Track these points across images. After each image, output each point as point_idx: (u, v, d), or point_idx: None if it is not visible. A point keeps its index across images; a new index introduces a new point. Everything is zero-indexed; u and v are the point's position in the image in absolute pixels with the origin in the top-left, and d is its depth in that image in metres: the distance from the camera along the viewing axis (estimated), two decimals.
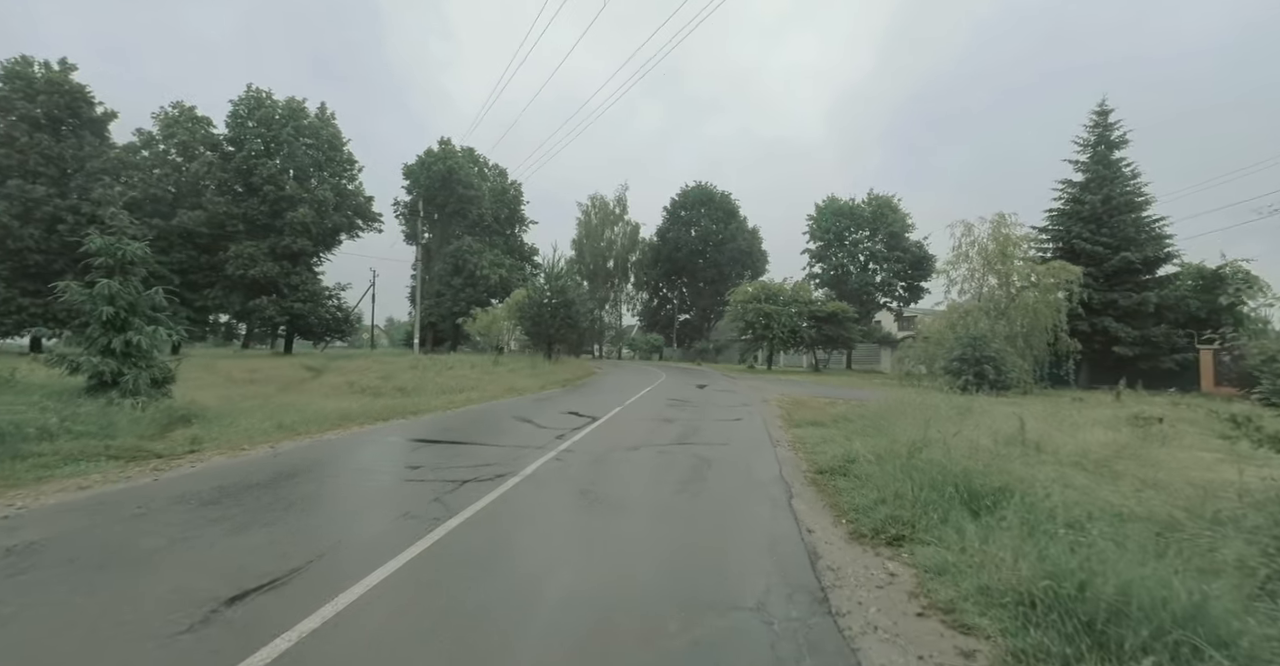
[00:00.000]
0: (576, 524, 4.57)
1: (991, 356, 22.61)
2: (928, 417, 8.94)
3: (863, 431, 9.17)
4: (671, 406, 14.04)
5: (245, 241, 35.00)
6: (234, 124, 36.68)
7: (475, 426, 9.97)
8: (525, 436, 8.88)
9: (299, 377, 21.85)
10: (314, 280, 37.98)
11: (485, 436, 8.80)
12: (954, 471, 4.94)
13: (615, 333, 70.04)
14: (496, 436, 8.83)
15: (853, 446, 7.51)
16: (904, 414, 9.66)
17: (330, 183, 39.11)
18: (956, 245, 26.75)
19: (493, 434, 9.07)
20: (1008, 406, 11.43)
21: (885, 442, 7.07)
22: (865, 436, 8.65)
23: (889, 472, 5.54)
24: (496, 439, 8.57)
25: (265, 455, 6.87)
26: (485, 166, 52.20)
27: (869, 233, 46.04)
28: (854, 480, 5.92)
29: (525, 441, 8.38)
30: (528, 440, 8.50)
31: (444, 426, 10.05)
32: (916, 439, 6.74)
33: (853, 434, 9.30)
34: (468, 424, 10.37)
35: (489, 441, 8.32)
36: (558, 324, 28.23)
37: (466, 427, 9.86)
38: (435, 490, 5.39)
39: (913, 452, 6.16)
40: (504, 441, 8.35)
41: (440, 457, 7.26)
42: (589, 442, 8.49)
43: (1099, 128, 29.09)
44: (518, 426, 10.01)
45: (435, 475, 6.03)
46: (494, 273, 44.56)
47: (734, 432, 10.04)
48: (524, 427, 9.88)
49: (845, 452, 7.18)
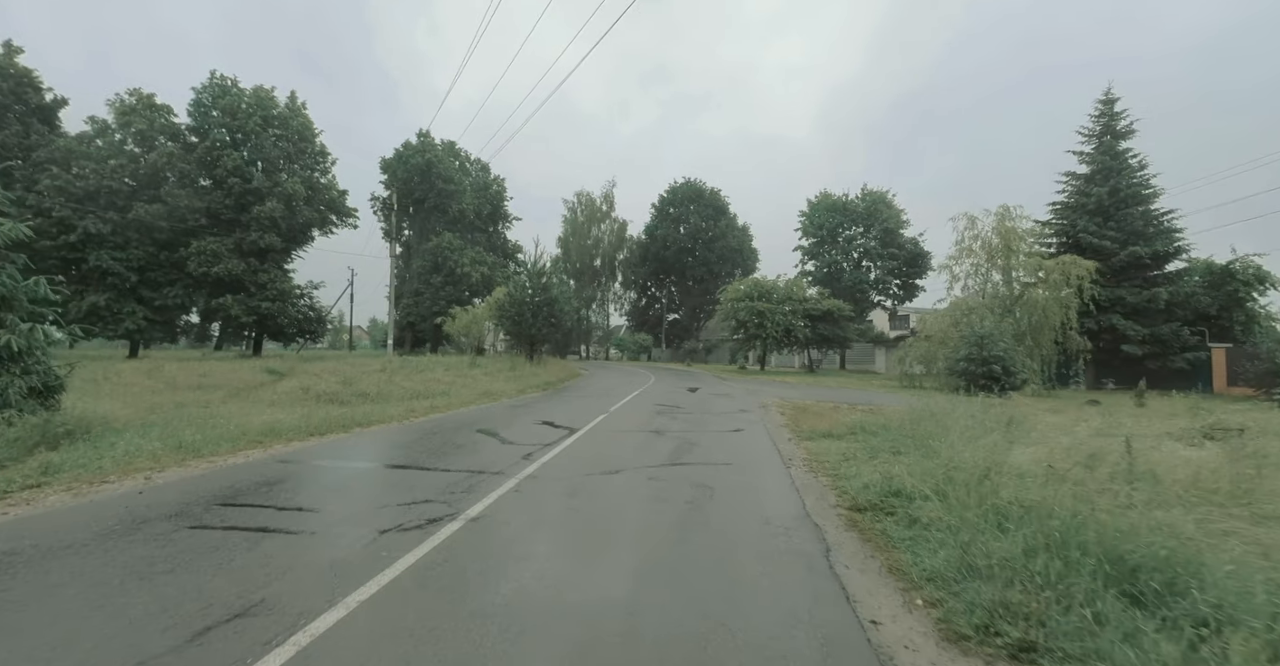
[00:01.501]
0: (516, 619, 3.02)
1: (1000, 356, 21.32)
2: (967, 428, 7.48)
3: (892, 447, 7.69)
4: (661, 414, 12.50)
5: (208, 237, 32.99)
6: (197, 113, 34.60)
7: (429, 443, 8.36)
8: (486, 456, 7.29)
9: (256, 382, 20.03)
10: (284, 278, 35.97)
11: (436, 457, 7.20)
12: (1068, 519, 3.44)
13: (603, 333, 68.43)
14: (450, 457, 7.24)
15: (890, 469, 6.01)
16: (935, 424, 8.19)
17: (301, 176, 37.12)
18: (959, 239, 25.54)
19: (447, 454, 7.47)
20: (1049, 414, 9.98)
21: (933, 466, 5.57)
22: (898, 455, 7.16)
23: (964, 518, 4.03)
24: (449, 460, 6.98)
25: (126, 492, 5.22)
26: (467, 161, 50.31)
27: (863, 229, 44.81)
28: (911, 525, 4.40)
29: (484, 464, 6.79)
30: (487, 462, 6.91)
31: (392, 443, 8.44)
32: (976, 461, 5.26)
33: (878, 449, 7.83)
34: (421, 439, 8.75)
35: (438, 464, 6.72)
36: (540, 323, 26.58)
37: (418, 445, 8.25)
38: (333, 553, 3.80)
39: (981, 482, 4.67)
40: (457, 464, 6.76)
41: (367, 492, 5.66)
42: (561, 464, 6.92)
43: (1104, 117, 27.99)
44: (480, 443, 8.41)
45: (345, 523, 4.43)
46: (475, 270, 42.75)
47: (736, 448, 8.52)
48: (487, 444, 8.29)
49: (883, 479, 5.67)
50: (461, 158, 49.73)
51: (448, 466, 6.61)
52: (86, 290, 30.68)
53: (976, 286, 25.38)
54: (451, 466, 6.61)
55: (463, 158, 49.75)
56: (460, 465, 6.68)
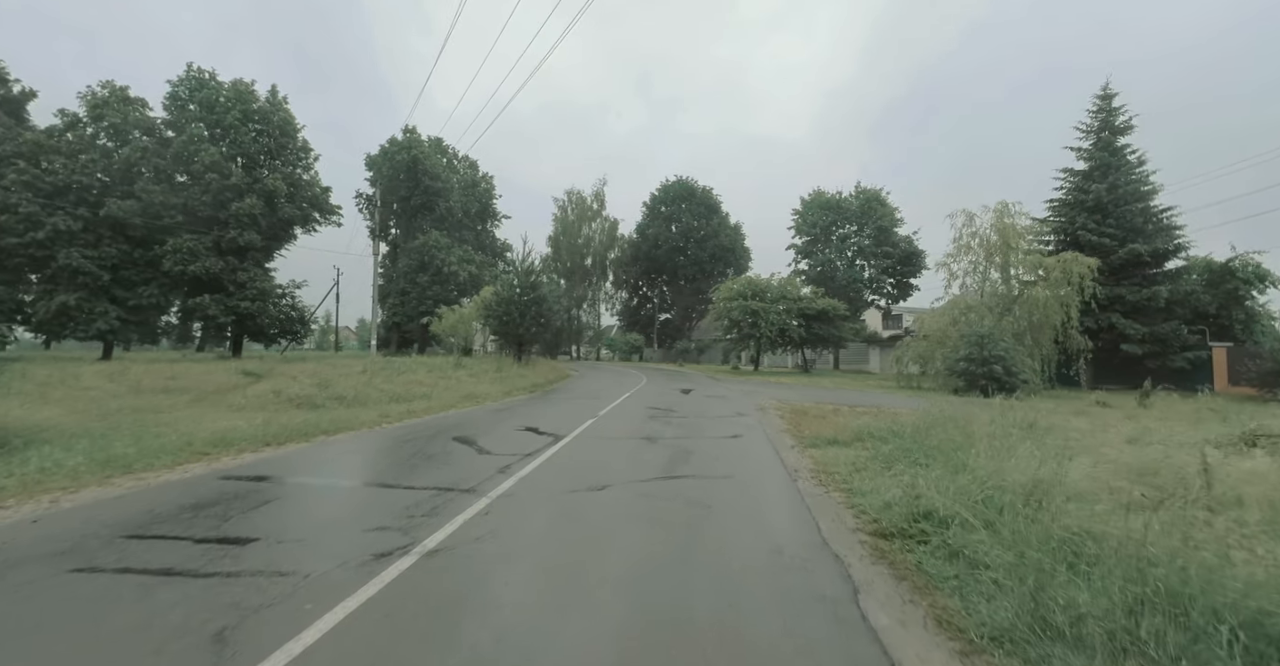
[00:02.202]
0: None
1: (1001, 355, 20.79)
2: (990, 435, 6.80)
3: (907, 456, 6.99)
4: (653, 418, 11.76)
5: (185, 234, 31.85)
6: (173, 107, 33.54)
7: (397, 454, 7.58)
8: (459, 469, 6.52)
9: (229, 385, 19.09)
10: (264, 277, 34.86)
11: (403, 471, 6.43)
12: (1171, 564, 2.73)
13: (593, 333, 67.61)
14: (419, 471, 6.47)
15: (913, 483, 5.30)
16: (953, 430, 7.50)
17: (283, 172, 36.04)
18: (957, 236, 24.97)
19: (415, 467, 6.70)
20: (1073, 418, 9.32)
21: (966, 482, 4.86)
22: (916, 466, 6.46)
23: (1024, 554, 3.32)
24: (417, 475, 6.21)
25: (17, 522, 4.40)
26: (455, 158, 49.37)
27: (856, 227, 44.29)
28: (952, 558, 3.69)
29: (455, 479, 6.01)
30: (460, 476, 6.14)
31: (356, 454, 7.65)
32: (1017, 477, 4.56)
33: (891, 459, 7.13)
34: (390, 449, 7.97)
35: (403, 480, 5.95)
36: (528, 323, 25.76)
37: (385, 456, 7.47)
38: (242, 606, 3.03)
39: (1032, 505, 3.97)
40: (425, 479, 5.99)
41: (313, 517, 4.88)
42: (541, 479, 6.16)
43: (1102, 113, 27.53)
44: (455, 453, 7.63)
45: (273, 561, 3.66)
46: (463, 269, 41.80)
47: (736, 457, 7.79)
48: (462, 455, 7.51)
49: (907, 496, 4.96)
50: (449, 154, 48.80)
51: (413, 483, 5.83)
52: (56, 289, 29.53)
53: (975, 284, 24.86)
54: (418, 483, 5.83)
55: (450, 154, 48.82)
56: (428, 481, 5.91)
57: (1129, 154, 26.98)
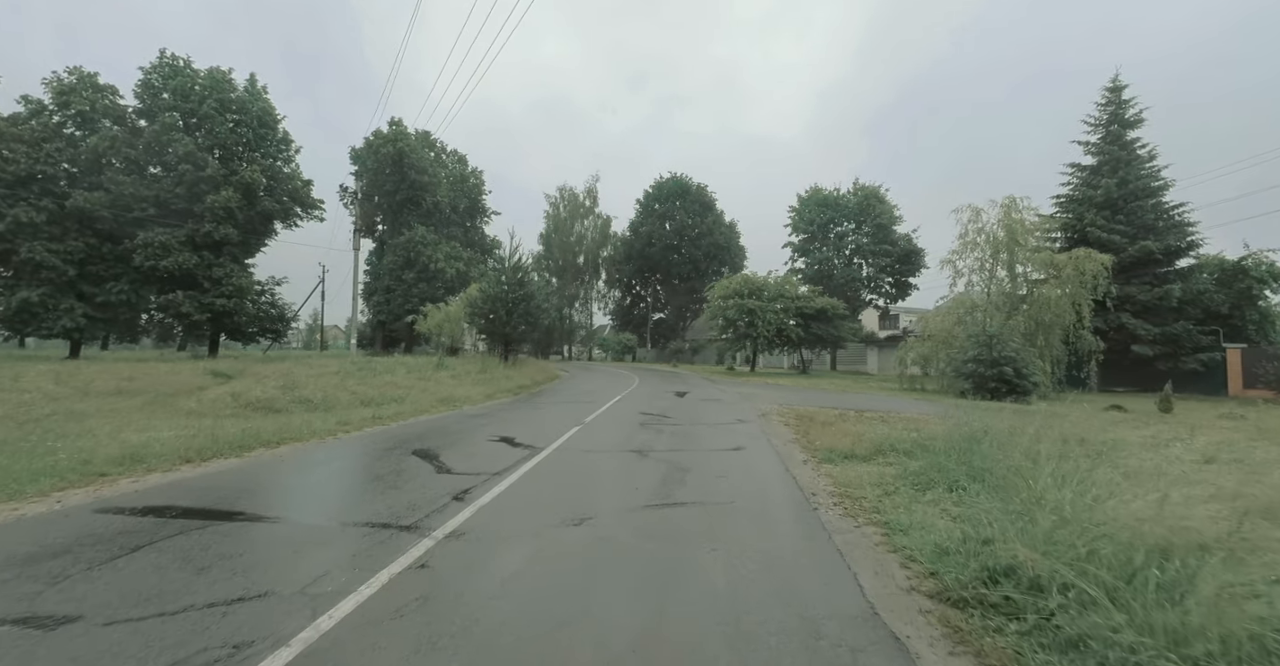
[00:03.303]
0: None
1: (1011, 356, 19.76)
2: (1037, 451, 5.71)
3: (943, 476, 5.89)
4: (645, 427, 10.61)
5: (157, 228, 30.45)
6: (145, 95, 32.06)
7: (340, 474, 6.41)
8: (406, 495, 5.35)
9: (194, 386, 17.78)
10: (241, 273, 33.45)
11: (336, 499, 5.27)
12: None
13: (586, 333, 66.42)
14: (357, 498, 5.30)
15: (971, 518, 4.19)
16: (996, 444, 6.39)
17: (262, 164, 34.63)
18: (963, 232, 23.94)
19: (355, 492, 5.53)
20: (1117, 429, 8.23)
21: (1048, 523, 3.73)
22: (955, 490, 5.36)
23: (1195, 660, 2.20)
24: (351, 505, 5.04)
25: None
26: (443, 152, 48.04)
27: (854, 225, 43.33)
28: (1074, 650, 2.57)
29: (397, 510, 4.85)
30: (404, 506, 4.97)
31: (288, 475, 6.45)
32: (1118, 515, 3.46)
33: (925, 479, 6.04)
34: (333, 468, 6.79)
35: (331, 513, 4.79)
36: (515, 321, 24.54)
37: (323, 477, 6.30)
38: None
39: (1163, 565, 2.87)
40: (360, 511, 4.82)
41: (182, 572, 3.69)
42: (505, 509, 5.00)
43: (1111, 105, 26.62)
44: (409, 472, 6.46)
45: (85, 657, 2.48)
46: (450, 266, 40.50)
47: (740, 475, 6.66)
48: (417, 474, 6.34)
49: (968, 539, 3.84)
50: (437, 149, 47.47)
51: (344, 516, 4.66)
52: (18, 284, 28.14)
53: (981, 282, 23.86)
54: (349, 516, 4.67)
55: (439, 149, 47.50)
56: (362, 513, 4.74)
57: (1139, 148, 26.09)
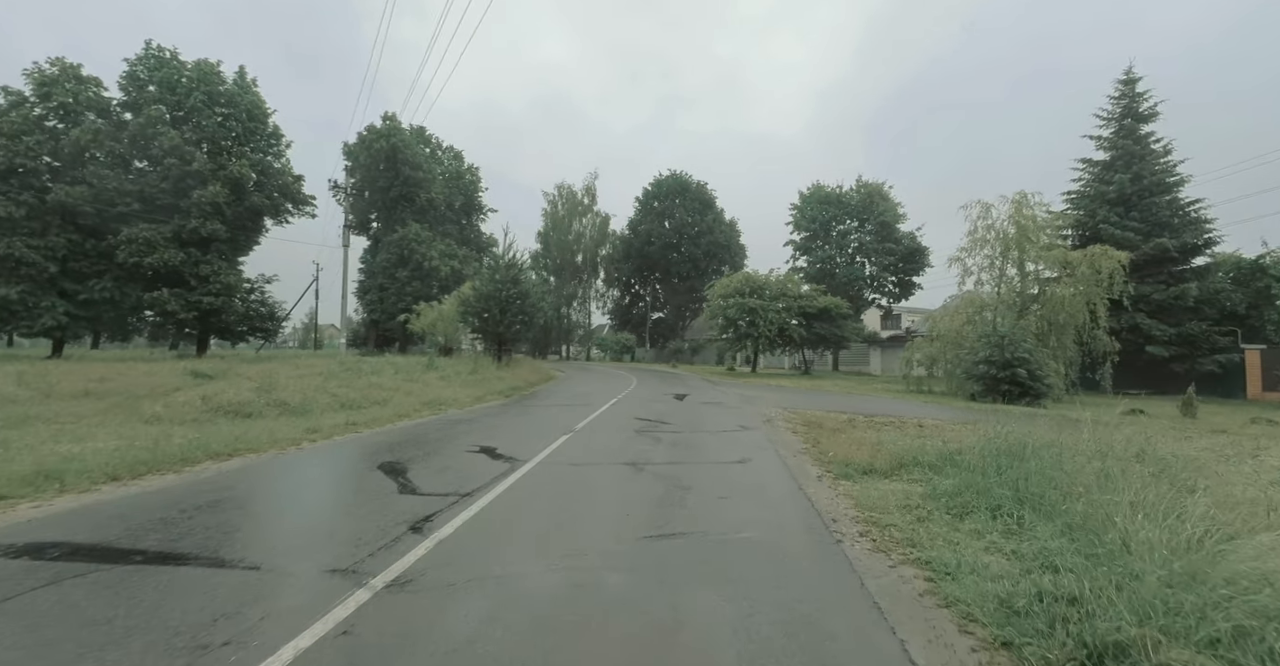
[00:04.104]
0: None
1: (1025, 358, 18.94)
2: (1102, 471, 4.91)
3: (983, 498, 5.07)
4: (642, 434, 9.80)
5: (141, 224, 29.59)
6: (130, 87, 31.20)
7: (285, 494, 5.59)
8: (355, 524, 4.53)
9: (168, 387, 16.92)
10: (229, 270, 32.57)
11: (268, 529, 4.44)
12: None
13: (584, 332, 65.61)
14: (292, 528, 4.48)
15: (1036, 557, 3.38)
16: (1044, 459, 5.58)
17: (251, 158, 33.78)
18: (972, 229, 23.13)
19: (293, 519, 4.70)
20: (1173, 439, 7.41)
21: (1157, 575, 2.92)
22: (1004, 517, 4.55)
23: None
24: (282, 539, 4.22)
25: None
26: (438, 148, 47.19)
27: (857, 223, 42.51)
28: None
29: (335, 547, 4.03)
30: (346, 542, 4.15)
31: (227, 491, 5.61)
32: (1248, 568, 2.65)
33: (960, 500, 5.22)
34: (280, 487, 5.97)
35: (251, 550, 3.96)
36: (509, 320, 23.71)
37: (264, 499, 5.47)
38: None
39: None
40: (287, 550, 4.01)
41: (9, 658, 2.86)
42: (469, 545, 4.18)
43: (1125, 99, 25.79)
44: (367, 492, 5.64)
45: None
46: (445, 264, 39.63)
47: (747, 495, 5.84)
48: (376, 494, 5.52)
49: (1044, 591, 3.02)
50: (433, 144, 46.65)
51: (269, 556, 3.83)
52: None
53: (991, 280, 23.05)
54: (276, 556, 3.84)
55: (434, 144, 46.67)
56: (294, 552, 3.92)
57: (1153, 143, 25.27)
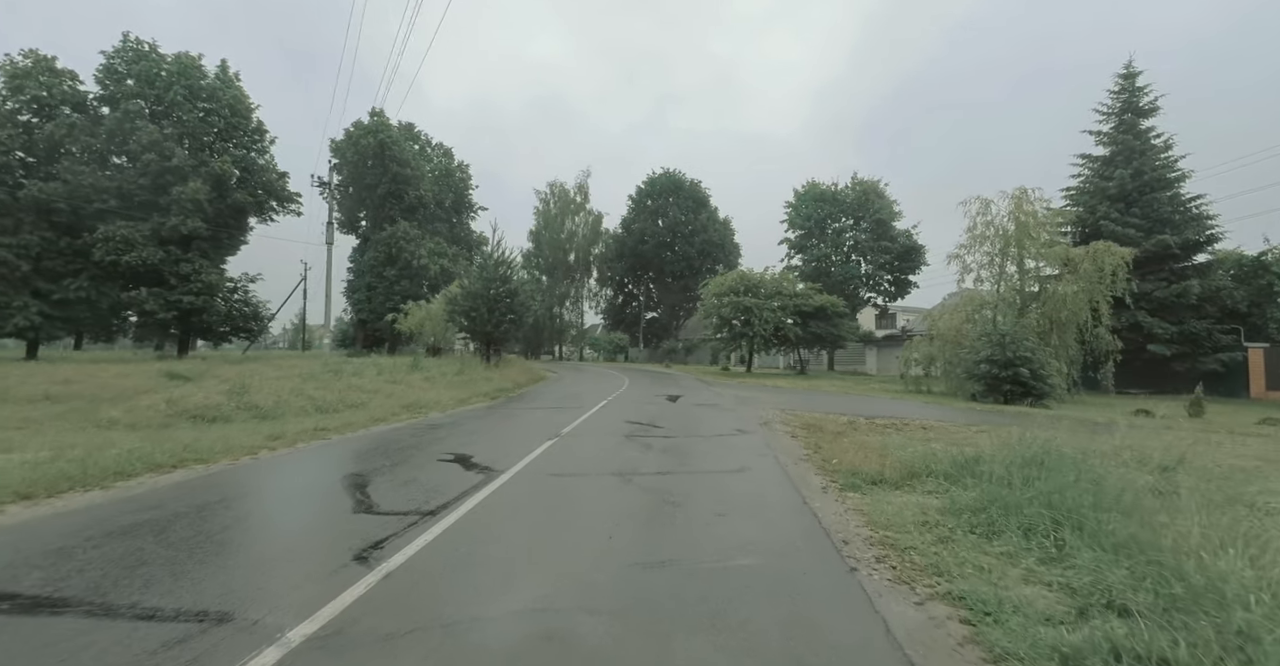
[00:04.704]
0: None
1: (1027, 357, 18.42)
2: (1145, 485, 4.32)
3: (1012, 513, 4.46)
4: (632, 439, 9.17)
5: (119, 221, 28.73)
6: (107, 80, 30.33)
7: (223, 513, 4.92)
8: (287, 553, 3.89)
9: (141, 389, 16.16)
10: (211, 269, 31.73)
11: (182, 562, 3.78)
12: None
13: (577, 332, 64.91)
14: (213, 562, 3.82)
15: (1093, 592, 2.77)
16: (1077, 469, 4.99)
17: (234, 155, 32.98)
18: (971, 225, 22.61)
19: (218, 548, 4.04)
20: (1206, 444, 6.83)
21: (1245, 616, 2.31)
22: (1038, 536, 3.95)
23: None
24: (194, 576, 3.56)
25: None
26: (428, 145, 46.43)
27: (853, 221, 42.05)
28: None
29: (255, 586, 3.38)
30: (274, 578, 3.50)
31: (152, 514, 4.95)
32: None
33: (984, 516, 4.61)
34: (221, 501, 5.29)
35: (148, 596, 3.30)
36: (497, 319, 23.03)
37: (192, 518, 4.80)
38: None
39: None
40: (195, 590, 3.35)
41: None
42: (420, 580, 3.53)
43: (1125, 93, 25.37)
44: (318, 510, 4.99)
45: None
46: (434, 263, 38.91)
47: (747, 512, 5.22)
48: (328, 513, 4.87)
49: (1116, 645, 2.41)
50: (422, 141, 45.89)
51: (161, 602, 3.16)
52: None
53: (991, 278, 22.55)
54: (170, 602, 3.17)
55: (423, 141, 45.92)
56: (198, 593, 3.26)
57: (1154, 138, 24.86)
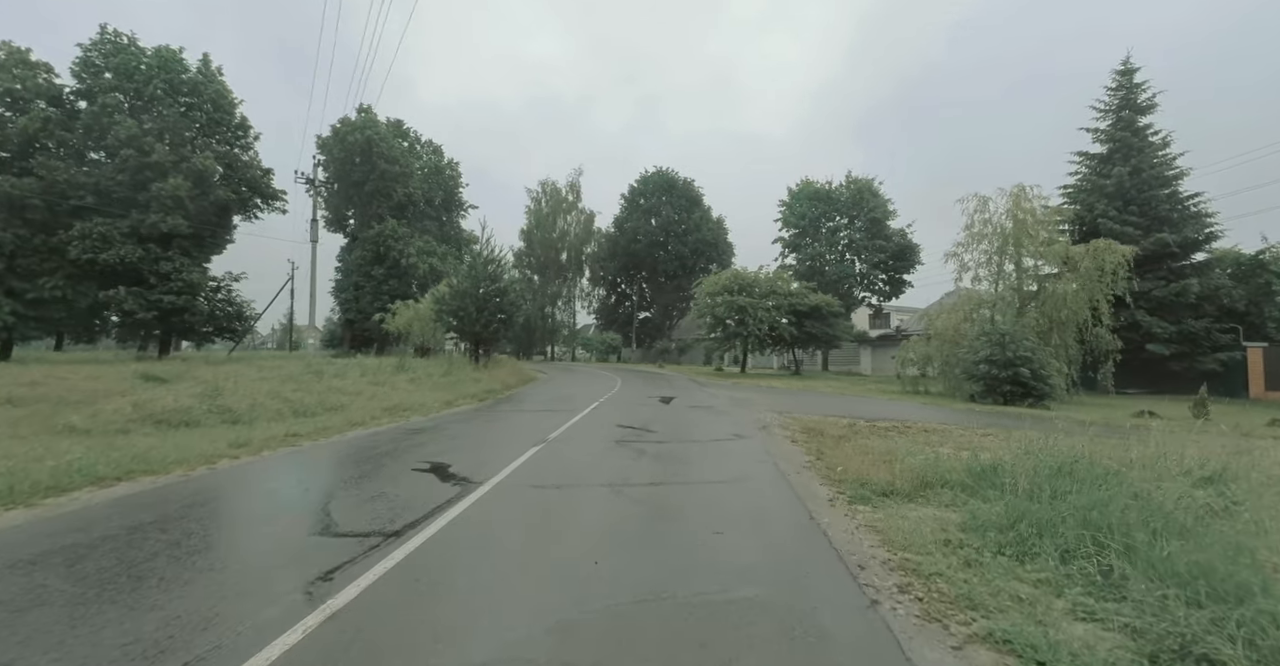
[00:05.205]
0: None
1: (1027, 356, 18.04)
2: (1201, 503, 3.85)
3: (1046, 531, 3.98)
4: (623, 445, 8.65)
5: (96, 218, 27.91)
6: (84, 73, 29.47)
7: (155, 539, 4.36)
8: (220, 588, 3.34)
9: (113, 391, 15.44)
10: (192, 267, 30.90)
11: (88, 603, 3.23)
12: None
13: (569, 332, 64.34)
14: (126, 595, 3.27)
15: (1164, 636, 2.27)
16: (1119, 485, 4.52)
17: (216, 151, 32.18)
18: (969, 223, 22.27)
19: (134, 582, 3.49)
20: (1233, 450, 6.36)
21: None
22: (1077, 559, 3.47)
23: None
24: (94, 618, 3.01)
25: None
26: (417, 142, 45.67)
27: (847, 220, 41.72)
28: None
29: (167, 631, 2.83)
30: (188, 623, 2.96)
31: (67, 539, 4.38)
32: None
33: (1021, 538, 4.12)
34: (157, 522, 4.73)
35: (27, 655, 2.74)
36: (486, 319, 22.45)
37: (112, 546, 4.24)
38: None
39: None
40: (83, 644, 2.80)
41: None
42: (369, 619, 3.00)
43: (1122, 90, 25.10)
44: (268, 530, 4.44)
45: None
46: (423, 262, 38.23)
47: (748, 532, 4.71)
48: (279, 533, 4.32)
49: None
50: (411, 138, 45.12)
51: (41, 659, 2.63)
52: None
53: (989, 276, 22.20)
54: (56, 660, 2.63)
55: (412, 138, 45.16)
56: (93, 645, 2.72)
57: (1152, 135, 24.61)
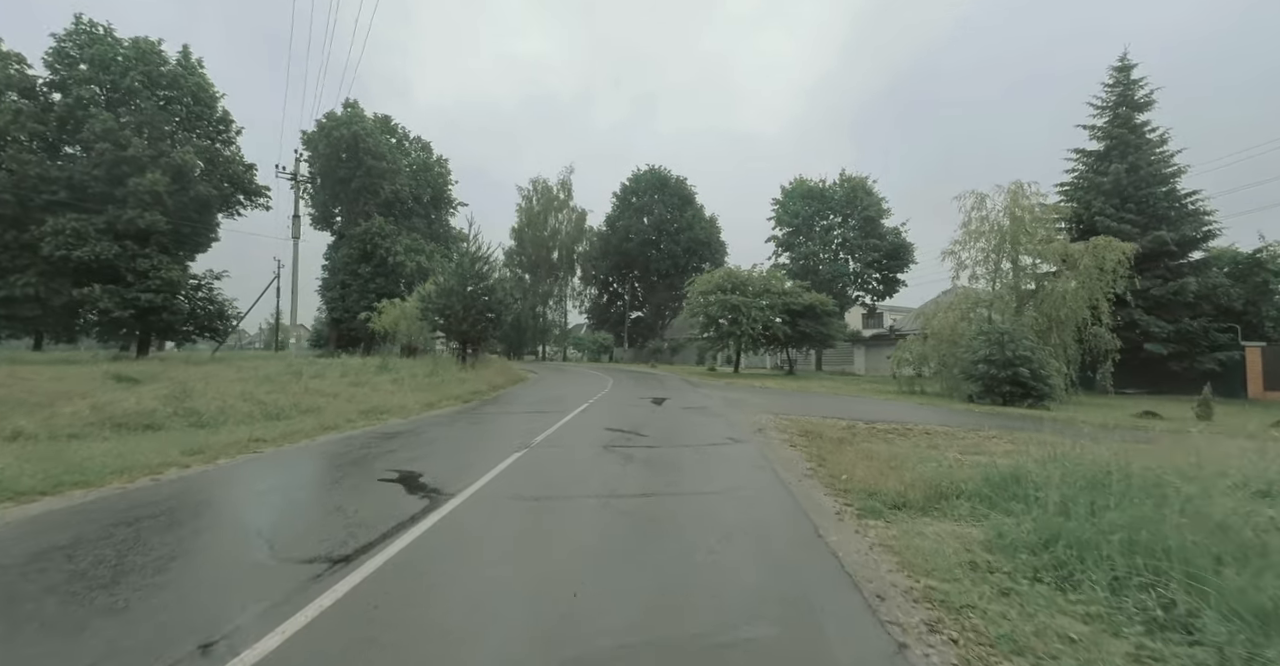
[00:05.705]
0: None
1: (1027, 356, 17.63)
2: None
3: (1091, 557, 3.47)
4: (611, 450, 8.09)
5: (70, 214, 27.04)
6: (58, 64, 28.56)
7: (58, 570, 3.76)
8: (103, 642, 2.76)
9: (80, 393, 14.70)
10: (172, 265, 30.03)
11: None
12: None
13: (560, 332, 63.69)
14: None
15: None
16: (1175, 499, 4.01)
17: (197, 145, 31.33)
18: (966, 221, 21.88)
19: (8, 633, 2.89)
20: None
21: None
22: (1132, 589, 2.94)
23: None
24: None
25: None
26: (405, 139, 44.90)
27: (841, 218, 41.35)
28: None
29: None
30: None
31: None
32: None
33: (1059, 562, 3.61)
34: (75, 543, 4.13)
35: None
36: (473, 318, 21.83)
37: (12, 577, 3.64)
38: None
39: None
40: None
41: None
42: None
43: (1120, 86, 24.80)
44: (197, 554, 3.86)
45: None
46: (410, 260, 37.49)
47: (747, 552, 4.17)
48: (209, 559, 3.75)
49: None
50: (399, 135, 44.35)
51: None
52: None
53: (986, 275, 21.82)
54: None
55: (400, 135, 44.39)
56: None
57: (1149, 132, 24.33)
